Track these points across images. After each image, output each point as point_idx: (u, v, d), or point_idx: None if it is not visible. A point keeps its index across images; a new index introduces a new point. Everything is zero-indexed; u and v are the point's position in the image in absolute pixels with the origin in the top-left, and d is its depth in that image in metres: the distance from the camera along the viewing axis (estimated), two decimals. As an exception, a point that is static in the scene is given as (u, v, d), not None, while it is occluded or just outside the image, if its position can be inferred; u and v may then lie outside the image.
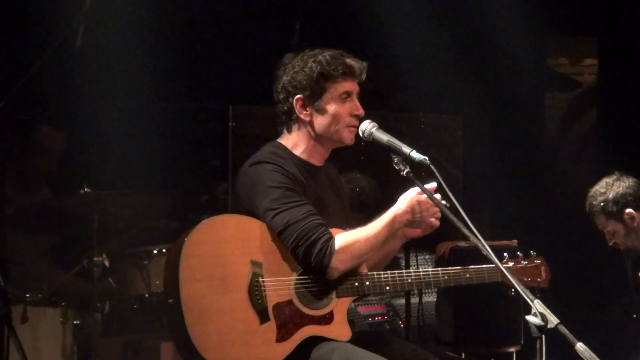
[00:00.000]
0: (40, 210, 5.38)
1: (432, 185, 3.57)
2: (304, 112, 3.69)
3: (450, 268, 3.74)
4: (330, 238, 3.50)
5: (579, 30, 7.30)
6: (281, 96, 3.72)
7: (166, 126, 6.11)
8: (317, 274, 3.55)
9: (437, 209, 3.57)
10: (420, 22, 6.32)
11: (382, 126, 3.70)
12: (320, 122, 3.69)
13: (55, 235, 5.56)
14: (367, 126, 3.67)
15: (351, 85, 3.70)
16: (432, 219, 3.64)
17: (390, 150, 3.61)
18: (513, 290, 3.74)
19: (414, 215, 3.60)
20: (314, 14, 6.34)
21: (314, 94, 3.67)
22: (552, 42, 7.47)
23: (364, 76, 3.73)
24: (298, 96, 3.68)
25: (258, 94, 6.00)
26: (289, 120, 3.73)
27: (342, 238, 3.53)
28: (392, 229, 3.60)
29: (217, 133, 6.17)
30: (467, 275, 3.74)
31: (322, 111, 3.68)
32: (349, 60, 3.69)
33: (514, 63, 6.77)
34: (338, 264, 3.51)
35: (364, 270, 3.66)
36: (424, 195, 3.57)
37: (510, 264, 3.87)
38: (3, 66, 5.35)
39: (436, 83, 6.56)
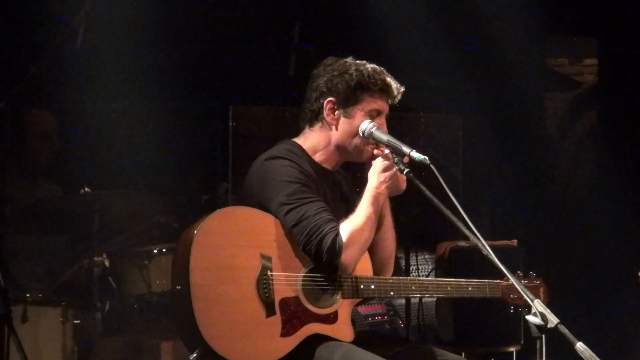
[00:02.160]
0: (41, 209, 5.38)
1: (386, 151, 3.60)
2: (332, 115, 3.70)
3: (454, 280, 3.77)
4: (338, 234, 3.51)
5: (579, 30, 7.29)
6: (313, 94, 3.73)
7: (166, 126, 6.12)
8: (330, 270, 3.56)
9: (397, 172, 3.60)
10: (420, 22, 6.33)
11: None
12: (343, 129, 3.70)
13: (56, 234, 5.56)
14: (367, 126, 3.67)
15: (383, 105, 3.72)
16: (402, 183, 3.65)
17: (390, 149, 3.62)
18: (512, 308, 3.79)
19: (390, 181, 3.62)
20: (314, 15, 6.34)
21: (347, 101, 3.68)
22: (552, 42, 7.46)
23: (397, 99, 3.75)
24: (330, 98, 3.69)
25: (258, 94, 6.03)
26: (314, 119, 3.74)
27: (346, 231, 3.53)
28: (377, 203, 3.62)
29: (217, 133, 6.17)
30: (470, 289, 3.77)
31: (348, 120, 3.69)
32: (389, 79, 3.72)
33: (514, 63, 6.77)
34: (349, 259, 3.54)
35: (369, 273, 3.67)
36: (386, 166, 3.60)
37: (510, 281, 3.88)
38: (3, 66, 5.36)
39: (436, 83, 6.56)
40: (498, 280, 3.78)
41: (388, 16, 6.28)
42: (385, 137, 3.63)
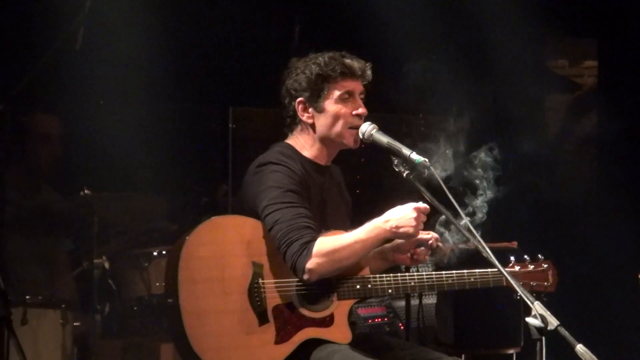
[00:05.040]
0: (41, 212, 5.38)
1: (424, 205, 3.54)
2: (306, 114, 3.70)
3: (454, 272, 3.73)
4: (310, 241, 3.45)
5: (579, 31, 7.29)
6: (285, 100, 3.73)
7: (166, 128, 6.11)
8: (297, 276, 3.51)
9: (415, 221, 3.51)
10: (421, 24, 6.32)
11: (382, 128, 3.69)
12: (321, 123, 3.69)
13: (56, 237, 5.56)
14: (367, 128, 3.66)
15: (352, 85, 3.70)
16: (410, 229, 3.53)
17: (390, 152, 3.61)
18: (519, 294, 3.76)
19: (399, 223, 3.51)
20: (314, 16, 6.34)
21: (314, 96, 3.67)
22: (552, 43, 7.46)
23: (367, 75, 3.73)
24: (299, 99, 3.69)
25: (258, 96, 6.03)
26: (293, 123, 3.74)
27: (322, 242, 3.47)
28: (374, 234, 3.53)
29: (217, 135, 6.17)
30: (471, 279, 3.71)
31: (323, 112, 3.68)
32: (348, 61, 3.69)
33: (514, 64, 6.77)
34: (314, 267, 3.44)
35: (366, 272, 3.65)
36: (405, 211, 3.54)
37: (517, 268, 3.86)
38: (3, 68, 5.35)
39: (436, 84, 6.55)
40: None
41: (388, 17, 6.28)
42: (385, 139, 3.62)
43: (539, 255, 3.94)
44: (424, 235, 3.72)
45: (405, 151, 3.55)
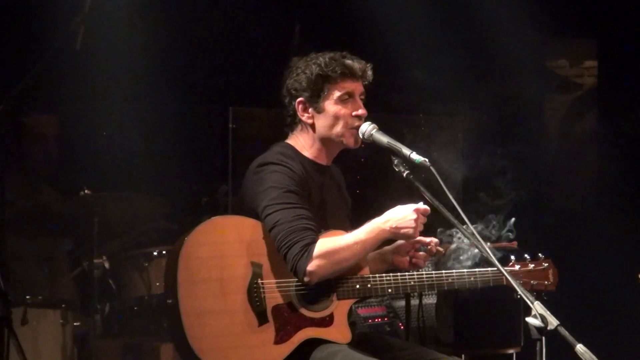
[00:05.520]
0: (41, 212, 5.38)
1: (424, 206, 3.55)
2: (306, 114, 3.70)
3: (454, 271, 3.73)
4: (311, 243, 3.47)
5: (579, 32, 7.29)
6: (286, 99, 3.74)
7: (166, 128, 6.11)
8: (297, 278, 3.51)
9: (415, 222, 3.53)
10: (421, 24, 6.32)
11: (382, 128, 3.70)
12: (321, 123, 3.69)
13: (56, 237, 5.55)
14: (367, 128, 3.67)
15: (352, 86, 3.70)
16: (409, 230, 3.55)
17: (390, 151, 3.61)
18: (519, 294, 3.75)
19: (398, 224, 3.54)
20: (314, 16, 6.34)
21: (314, 96, 3.67)
22: (552, 43, 7.46)
23: (368, 76, 3.73)
24: (299, 99, 3.69)
25: (258, 95, 6.03)
26: (293, 122, 3.75)
27: (322, 244, 3.49)
28: (374, 234, 3.55)
29: (217, 135, 6.17)
30: (471, 279, 3.72)
31: (322, 113, 3.68)
32: (348, 61, 3.69)
33: (514, 65, 6.77)
34: (315, 269, 3.46)
35: (366, 272, 3.65)
36: (405, 211, 3.55)
37: (517, 267, 3.86)
38: (3, 68, 5.35)
39: (436, 84, 6.56)
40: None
41: (388, 18, 6.28)
42: (385, 139, 3.63)
43: (540, 254, 3.93)
44: (424, 238, 3.72)
45: (405, 151, 3.56)
